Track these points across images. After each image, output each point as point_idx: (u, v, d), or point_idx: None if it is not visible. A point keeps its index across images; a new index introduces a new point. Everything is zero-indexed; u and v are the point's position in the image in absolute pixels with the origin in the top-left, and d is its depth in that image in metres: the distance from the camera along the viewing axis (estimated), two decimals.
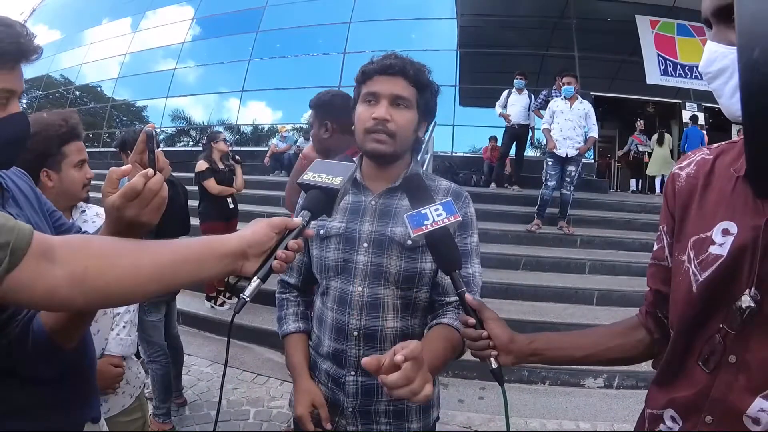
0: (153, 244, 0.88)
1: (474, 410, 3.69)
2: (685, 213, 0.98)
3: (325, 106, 2.41)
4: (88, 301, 0.82)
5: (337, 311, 1.45)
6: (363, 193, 1.48)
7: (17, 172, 1.30)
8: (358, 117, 1.42)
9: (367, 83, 1.41)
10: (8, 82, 1.00)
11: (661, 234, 1.06)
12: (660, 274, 1.07)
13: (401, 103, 1.38)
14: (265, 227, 0.96)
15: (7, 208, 1.13)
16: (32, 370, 1.09)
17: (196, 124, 15.16)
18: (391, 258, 1.39)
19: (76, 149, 1.80)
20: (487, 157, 10.13)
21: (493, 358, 1.09)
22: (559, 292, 5.08)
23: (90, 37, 17.55)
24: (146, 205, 0.88)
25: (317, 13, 13.75)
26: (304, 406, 1.43)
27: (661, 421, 1.00)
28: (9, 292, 0.73)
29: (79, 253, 0.80)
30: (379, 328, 1.42)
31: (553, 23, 12.57)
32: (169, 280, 0.86)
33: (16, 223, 0.75)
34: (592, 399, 3.86)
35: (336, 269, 1.44)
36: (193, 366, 4.27)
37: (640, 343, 1.10)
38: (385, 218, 1.43)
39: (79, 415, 1.30)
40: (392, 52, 1.43)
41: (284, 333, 1.57)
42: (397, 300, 1.41)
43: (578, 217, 6.86)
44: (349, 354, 1.43)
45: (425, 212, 1.13)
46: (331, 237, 1.45)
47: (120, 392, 1.91)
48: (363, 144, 1.41)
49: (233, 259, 0.91)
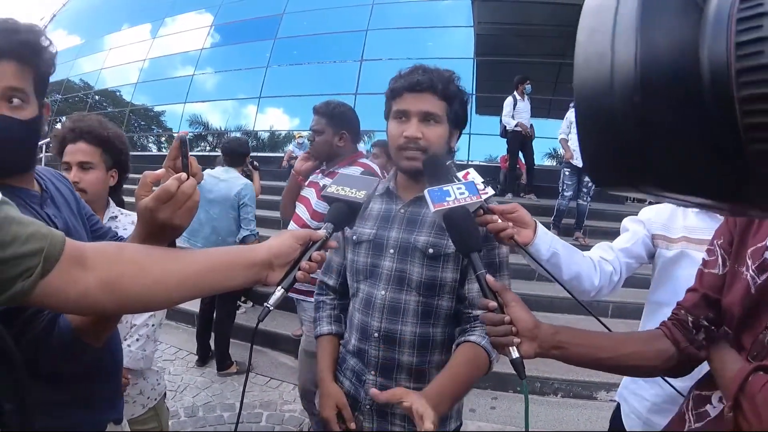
0: (183, 253, 0.91)
1: (486, 419, 3.67)
2: (746, 229, 1.04)
3: (342, 117, 2.58)
4: (118, 306, 0.84)
5: (362, 312, 1.51)
6: (394, 202, 1.53)
7: (57, 175, 1.34)
8: (390, 134, 1.46)
9: (397, 100, 1.44)
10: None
11: (715, 247, 1.11)
12: (711, 281, 1.10)
13: (431, 118, 1.41)
14: (290, 239, 0.99)
15: (45, 209, 1.16)
16: (55, 367, 1.11)
17: (214, 129, 15.29)
18: (414, 265, 1.44)
19: (67, 152, 1.83)
20: (505, 167, 10.05)
21: (515, 346, 1.03)
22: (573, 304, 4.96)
23: (110, 43, 17.78)
24: (179, 207, 0.89)
25: (334, 21, 13.82)
26: (329, 408, 1.49)
27: (708, 402, 1.04)
28: (42, 297, 0.75)
29: (110, 259, 0.82)
30: (399, 332, 1.45)
31: (569, 32, 12.43)
32: (197, 288, 0.89)
33: (49, 230, 0.77)
34: (604, 412, 3.81)
35: (365, 273, 1.51)
36: (208, 368, 4.31)
37: (661, 354, 1.09)
38: (412, 226, 1.47)
39: (102, 416, 1.32)
40: (419, 65, 1.46)
41: (317, 334, 1.65)
42: (419, 306, 1.44)
43: (594, 228, 6.80)
44: (370, 354, 1.49)
45: (447, 189, 1.14)
46: (363, 242, 1.52)
47: (131, 401, 1.94)
48: (397, 161, 1.46)
49: (259, 269, 0.95)
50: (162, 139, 16.69)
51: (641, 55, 0.41)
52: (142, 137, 16.92)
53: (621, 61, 0.43)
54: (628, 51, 0.42)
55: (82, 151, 1.83)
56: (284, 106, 14.62)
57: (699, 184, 0.44)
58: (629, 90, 0.42)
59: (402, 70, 1.47)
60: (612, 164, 0.47)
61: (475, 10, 12.98)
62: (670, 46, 0.41)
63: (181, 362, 4.46)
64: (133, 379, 1.97)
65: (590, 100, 0.46)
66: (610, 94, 0.43)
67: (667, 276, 1.56)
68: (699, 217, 1.54)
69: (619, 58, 0.43)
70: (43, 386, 1.11)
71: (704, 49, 0.40)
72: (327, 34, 13.92)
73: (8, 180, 1.10)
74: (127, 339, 1.95)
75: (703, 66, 0.40)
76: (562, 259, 1.36)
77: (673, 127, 0.42)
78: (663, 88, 0.41)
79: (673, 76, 0.41)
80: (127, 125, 16.23)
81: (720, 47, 0.39)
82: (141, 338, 2.00)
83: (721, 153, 0.41)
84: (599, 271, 1.50)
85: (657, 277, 1.62)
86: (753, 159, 0.40)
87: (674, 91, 0.41)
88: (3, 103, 1.02)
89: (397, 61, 12.52)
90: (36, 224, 0.76)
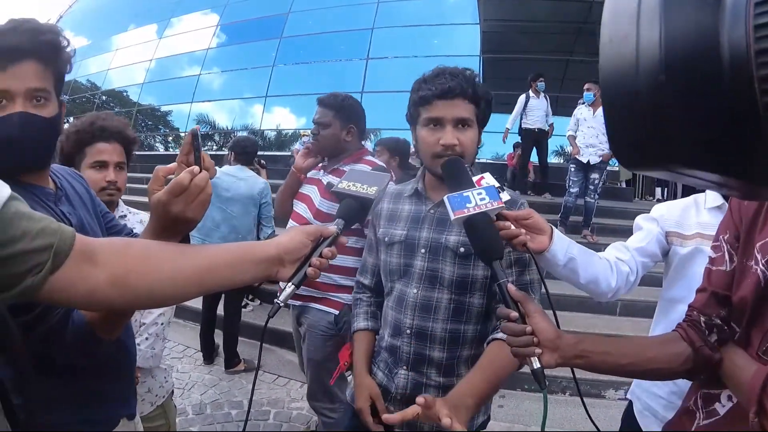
0: (192, 248, 0.91)
1: (493, 418, 3.64)
2: (752, 223, 1.03)
3: (351, 110, 2.46)
4: (127, 302, 0.84)
5: (395, 310, 1.56)
6: (423, 203, 1.56)
7: (72, 173, 1.35)
8: (423, 140, 1.46)
9: (427, 107, 1.44)
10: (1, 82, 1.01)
11: (721, 243, 1.10)
12: (720, 278, 1.09)
13: (465, 123, 1.43)
14: (300, 235, 0.99)
15: (60, 206, 1.17)
16: (69, 361, 1.11)
17: (221, 128, 15.34)
18: (446, 264, 1.47)
19: (98, 150, 1.82)
20: (512, 164, 9.98)
21: (536, 357, 1.02)
22: (582, 302, 5.00)
23: (116, 44, 17.87)
24: (192, 200, 0.90)
25: (340, 20, 13.85)
26: (363, 399, 1.56)
27: (717, 400, 1.05)
28: (51, 292, 0.75)
29: (120, 255, 0.82)
30: (430, 329, 1.49)
31: (576, 28, 12.46)
32: (207, 284, 0.89)
33: (59, 225, 0.77)
34: (612, 411, 3.78)
35: (399, 273, 1.55)
36: (216, 366, 4.32)
37: (679, 356, 1.08)
38: (441, 226, 1.50)
39: (115, 411, 1.33)
40: (443, 68, 1.46)
41: (353, 330, 1.70)
42: (450, 304, 1.48)
43: (602, 226, 6.77)
44: (402, 350, 1.53)
45: (467, 195, 1.13)
46: (395, 244, 1.55)
47: (140, 399, 1.93)
48: (433, 167, 1.46)
49: (270, 264, 0.94)
50: (169, 139, 16.76)
51: (665, 36, 0.42)
52: (149, 137, 16.99)
53: (646, 42, 0.43)
54: (653, 32, 0.43)
55: (118, 152, 1.86)
56: (290, 105, 14.69)
57: (720, 161, 0.45)
58: (654, 70, 0.43)
59: (426, 75, 1.47)
60: (637, 143, 0.48)
61: (481, 7, 12.97)
62: (692, 27, 0.42)
63: (189, 360, 4.47)
64: (142, 377, 1.98)
65: (616, 79, 0.47)
66: (636, 73, 0.44)
67: (682, 273, 1.55)
68: (712, 213, 1.52)
69: (643, 40, 0.44)
70: (56, 380, 1.12)
71: (724, 31, 0.41)
72: (333, 32, 13.95)
73: (24, 177, 1.11)
74: (137, 338, 1.95)
75: (723, 47, 0.41)
76: (579, 264, 1.36)
77: (695, 106, 0.43)
78: (685, 69, 0.42)
79: (694, 57, 0.42)
80: (135, 125, 16.30)
81: (739, 29, 0.40)
82: (150, 337, 2.02)
83: (740, 132, 0.42)
84: (616, 273, 1.50)
85: (671, 274, 1.61)
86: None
87: (696, 71, 0.42)
88: (27, 102, 1.04)
89: (403, 59, 12.53)
90: (46, 219, 0.76)
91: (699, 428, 1.08)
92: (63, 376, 1.12)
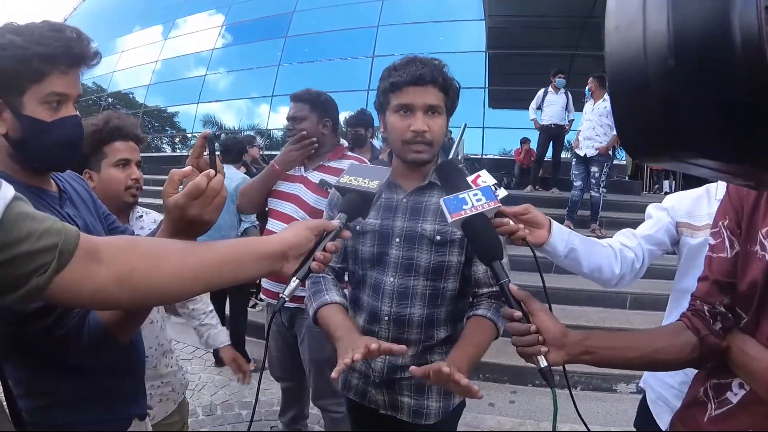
0: (196, 245, 0.91)
1: (504, 414, 3.65)
2: (754, 209, 1.02)
3: (326, 104, 2.49)
4: (133, 300, 0.84)
5: (372, 297, 1.58)
6: (395, 191, 1.56)
7: (73, 176, 1.36)
8: (393, 127, 1.47)
9: (398, 93, 1.45)
10: (59, 86, 1.05)
11: (720, 229, 1.09)
12: (721, 265, 1.08)
13: (435, 111, 1.45)
14: (304, 230, 0.99)
15: (65, 209, 1.18)
16: (84, 362, 1.13)
17: (228, 129, 15.37)
18: (422, 252, 1.49)
19: (117, 149, 1.78)
20: (519, 159, 9.93)
21: (542, 355, 1.02)
22: (591, 296, 4.99)
23: (121, 45, 17.87)
24: (208, 203, 0.93)
25: (345, 18, 13.82)
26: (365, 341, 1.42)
27: (729, 389, 1.04)
28: (57, 292, 0.74)
29: (125, 253, 0.81)
30: (407, 315, 1.53)
31: (582, 22, 12.38)
32: (212, 280, 0.89)
33: (63, 225, 0.77)
34: (624, 405, 3.77)
35: (372, 261, 1.56)
36: (226, 367, 4.27)
37: (687, 345, 1.08)
38: (416, 215, 1.51)
39: (126, 411, 1.33)
40: (414, 57, 1.49)
41: (328, 301, 1.55)
42: (426, 290, 1.53)
43: (610, 220, 6.73)
44: (380, 335, 1.54)
45: (463, 197, 1.14)
46: (367, 232, 1.56)
47: (165, 399, 1.94)
48: (403, 154, 1.49)
49: (274, 260, 0.94)
50: (176, 140, 16.81)
51: (673, 20, 0.41)
52: (156, 138, 17.05)
53: (653, 27, 0.43)
54: (660, 17, 0.42)
55: (136, 150, 1.88)
56: None
57: (733, 149, 0.44)
58: (663, 56, 0.42)
59: (395, 63, 1.50)
60: (645, 131, 0.47)
61: (486, 3, 12.92)
62: (701, 11, 0.41)
63: (199, 361, 4.49)
64: (165, 377, 1.95)
65: (623, 66, 0.46)
66: (644, 60, 0.43)
67: (694, 263, 1.54)
68: None
69: (651, 24, 0.43)
70: (68, 381, 1.13)
71: (735, 13, 0.40)
72: (338, 30, 13.92)
73: (28, 180, 1.12)
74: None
75: (734, 30, 0.40)
76: (581, 254, 1.38)
77: (706, 93, 0.42)
78: (696, 53, 0.41)
79: (705, 41, 0.41)
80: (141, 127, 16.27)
81: (750, 11, 0.39)
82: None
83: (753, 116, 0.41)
84: (620, 260, 1.50)
85: (683, 265, 1.60)
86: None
87: (706, 55, 0.41)
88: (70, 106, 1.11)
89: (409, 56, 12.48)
90: (50, 219, 0.76)
91: (711, 418, 1.07)
92: (74, 377, 1.14)
